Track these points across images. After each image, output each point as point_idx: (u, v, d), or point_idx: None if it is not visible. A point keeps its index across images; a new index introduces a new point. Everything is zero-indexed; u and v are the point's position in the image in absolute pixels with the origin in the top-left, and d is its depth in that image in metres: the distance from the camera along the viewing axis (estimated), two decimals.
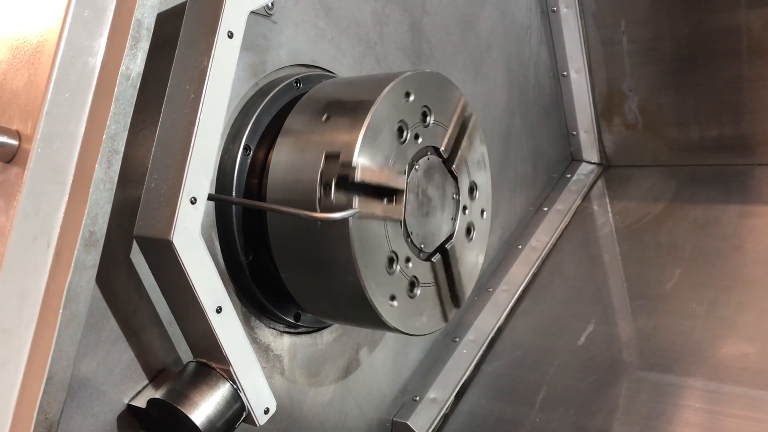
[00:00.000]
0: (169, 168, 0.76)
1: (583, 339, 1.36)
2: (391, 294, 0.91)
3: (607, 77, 1.76)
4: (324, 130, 0.89)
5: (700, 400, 1.17)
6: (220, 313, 0.80)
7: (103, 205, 0.66)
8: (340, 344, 1.15)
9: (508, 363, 1.37)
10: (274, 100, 0.98)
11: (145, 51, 0.69)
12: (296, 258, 0.91)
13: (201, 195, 0.77)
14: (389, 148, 0.89)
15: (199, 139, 0.76)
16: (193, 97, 0.77)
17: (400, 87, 0.91)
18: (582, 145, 1.85)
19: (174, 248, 0.74)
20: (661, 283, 1.43)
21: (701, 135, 1.70)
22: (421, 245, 0.96)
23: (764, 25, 1.52)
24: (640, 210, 1.67)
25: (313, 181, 0.87)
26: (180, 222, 0.75)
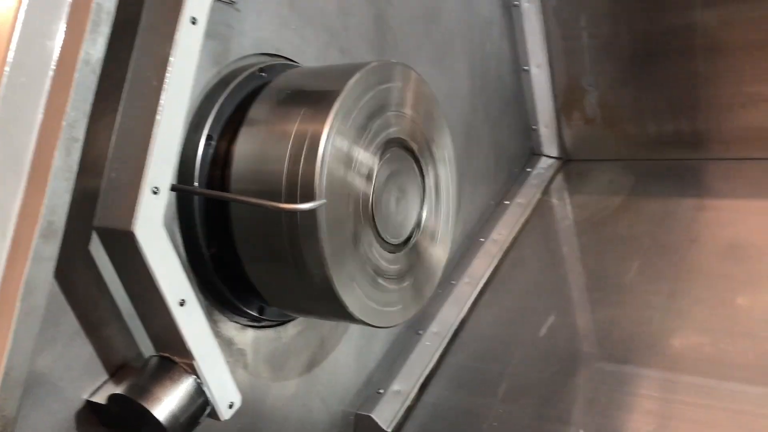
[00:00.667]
0: (131, 157, 0.74)
1: (544, 330, 1.37)
2: (358, 285, 0.90)
3: (567, 72, 1.78)
4: (289, 121, 0.88)
5: (657, 389, 1.19)
6: (184, 306, 0.78)
7: (63, 195, 0.64)
8: (304, 338, 1.14)
9: (471, 355, 1.37)
10: (238, 89, 0.97)
11: (106, 36, 0.67)
12: (261, 250, 0.89)
13: (163, 185, 0.75)
14: (356, 139, 0.88)
15: (161, 128, 0.74)
16: (155, 84, 0.75)
17: (367, 77, 0.90)
18: (542, 139, 1.87)
19: (136, 240, 0.72)
20: (619, 276, 1.45)
21: (658, 130, 1.74)
22: (387, 237, 0.95)
23: (720, 24, 1.55)
24: (599, 203, 1.69)
25: (278, 172, 0.85)
26: (142, 213, 0.73)
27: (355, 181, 0.88)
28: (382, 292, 0.95)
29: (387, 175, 0.94)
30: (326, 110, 0.85)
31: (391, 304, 0.97)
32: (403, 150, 0.98)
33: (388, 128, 0.94)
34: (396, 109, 0.96)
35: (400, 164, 0.97)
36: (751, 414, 1.10)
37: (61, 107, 0.59)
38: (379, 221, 0.93)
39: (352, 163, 0.88)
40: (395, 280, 0.98)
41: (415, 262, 1.02)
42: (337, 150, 0.85)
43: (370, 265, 0.93)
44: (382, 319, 0.96)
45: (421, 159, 1.01)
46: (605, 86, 1.76)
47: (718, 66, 1.59)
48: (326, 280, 0.86)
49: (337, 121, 0.85)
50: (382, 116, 0.93)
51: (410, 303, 1.01)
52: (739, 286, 1.33)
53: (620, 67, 1.72)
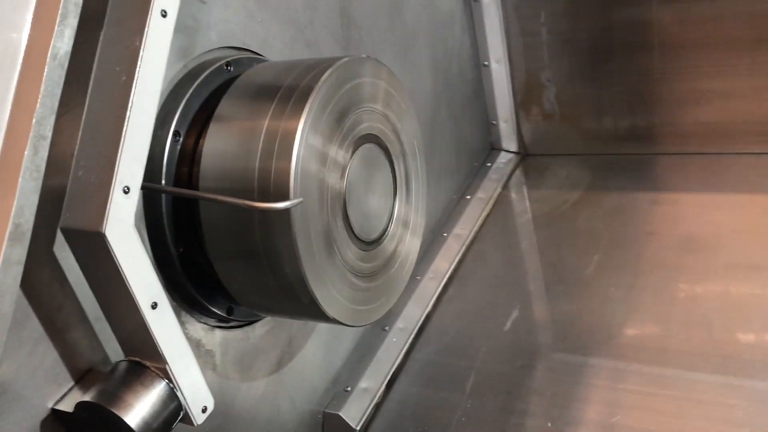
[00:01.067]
0: (99, 155, 0.71)
1: (508, 324, 1.38)
2: (332, 284, 0.89)
3: (526, 68, 1.79)
4: (261, 117, 0.86)
5: (618, 380, 1.21)
6: (156, 308, 0.76)
7: (30, 196, 0.61)
8: (272, 337, 1.12)
9: (437, 350, 1.37)
10: (205, 83, 0.94)
11: (74, 28, 0.64)
12: (232, 249, 0.87)
13: (134, 184, 0.72)
14: (329, 135, 0.87)
15: (132, 125, 0.71)
16: (125, 79, 0.72)
17: (340, 73, 0.88)
18: (501, 134, 1.88)
19: (106, 241, 0.70)
20: (580, 269, 1.47)
21: (615, 125, 1.77)
22: (361, 235, 0.94)
23: (674, 20, 1.59)
24: (558, 198, 1.72)
25: (251, 170, 0.83)
26: (113, 213, 0.70)
27: (329, 179, 0.87)
28: (355, 290, 0.94)
29: (359, 171, 0.93)
30: (300, 106, 0.83)
31: (364, 303, 0.96)
32: (375, 146, 0.96)
33: (360, 124, 0.93)
34: (368, 105, 0.94)
35: (372, 160, 0.96)
36: (710, 403, 1.13)
37: (30, 104, 0.56)
38: (353, 219, 0.92)
39: (325, 161, 0.86)
40: (369, 278, 0.97)
41: (388, 258, 1.01)
42: (311, 147, 0.83)
43: (344, 263, 0.91)
44: (355, 318, 0.95)
45: (392, 154, 1.00)
46: (563, 82, 1.78)
47: (674, 62, 1.63)
48: (300, 279, 0.84)
49: (311, 117, 0.83)
50: (354, 112, 0.92)
51: (383, 301, 1.01)
52: (695, 278, 1.37)
53: (578, 63, 1.74)
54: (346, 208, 0.91)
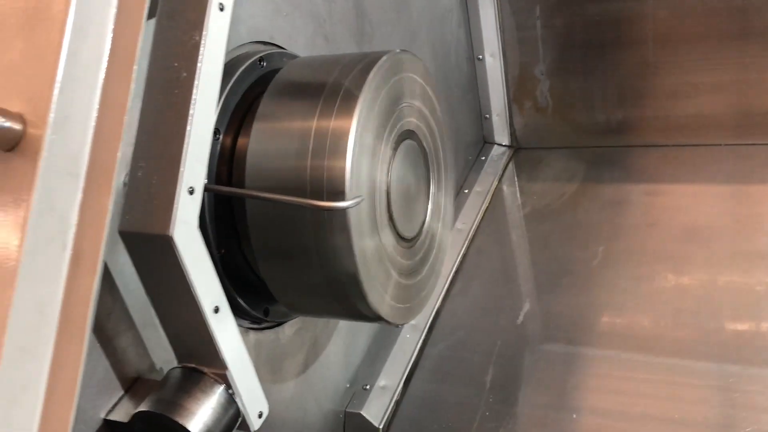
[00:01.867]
0: (161, 155, 0.68)
1: (521, 317, 1.39)
2: (380, 282, 0.88)
3: (520, 61, 1.80)
4: (309, 115, 0.84)
5: (638, 371, 1.23)
6: (218, 312, 0.73)
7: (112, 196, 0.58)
8: (300, 337, 1.10)
9: (451, 345, 1.37)
10: (240, 80, 0.91)
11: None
12: (281, 248, 0.85)
13: (198, 185, 0.69)
14: (377, 132, 0.85)
15: (195, 123, 0.68)
16: (185, 75, 0.69)
17: (385, 68, 0.87)
18: (494, 127, 1.89)
19: (173, 244, 0.67)
20: (586, 261, 1.49)
21: (607, 118, 1.79)
22: (402, 232, 0.93)
23: (669, 14, 1.62)
24: (555, 191, 1.73)
25: (302, 169, 0.81)
26: (179, 215, 0.67)
27: (377, 177, 0.86)
28: (398, 288, 0.93)
29: (401, 168, 0.92)
30: (351, 103, 0.82)
31: (406, 300, 0.95)
32: (413, 142, 0.95)
33: (401, 120, 0.92)
34: (407, 101, 0.93)
35: (411, 157, 0.95)
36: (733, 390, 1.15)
37: (121, 100, 0.54)
38: (396, 216, 0.91)
39: (373, 158, 0.85)
40: (409, 275, 0.96)
41: (425, 254, 1.00)
42: (362, 144, 0.82)
43: (389, 261, 0.90)
44: (399, 316, 0.94)
45: (426, 150, 1.00)
46: (557, 75, 1.79)
47: (667, 55, 1.66)
48: (353, 278, 0.83)
49: (363, 114, 0.82)
50: (396, 109, 0.90)
51: (422, 297, 1.00)
52: (703, 268, 1.40)
53: (572, 57, 1.76)
54: (390, 206, 0.89)
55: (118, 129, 0.53)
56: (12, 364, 0.48)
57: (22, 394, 0.49)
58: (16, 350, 0.49)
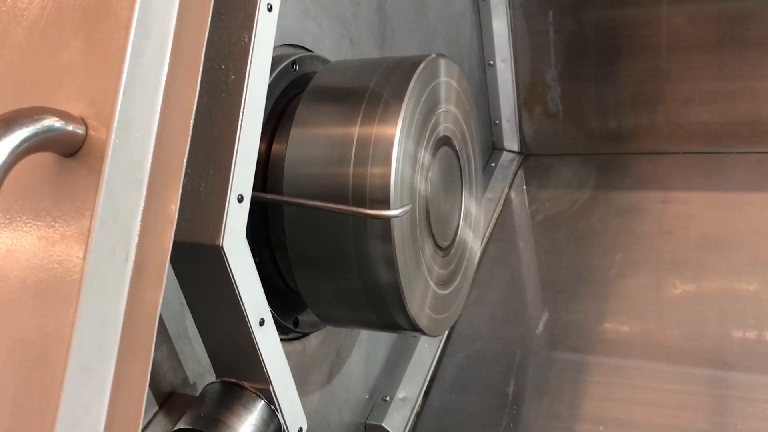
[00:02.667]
0: (209, 161, 0.65)
1: (541, 327, 1.37)
2: (419, 292, 0.85)
3: (531, 67, 1.79)
4: (350, 121, 0.81)
5: (670, 382, 1.21)
6: (263, 326, 0.70)
7: None
8: (325, 347, 1.07)
9: (470, 355, 1.35)
10: (273, 84, 0.88)
11: None
12: (320, 257, 0.82)
13: (247, 192, 0.66)
14: (419, 139, 0.83)
15: (245, 128, 0.66)
16: (234, 78, 0.66)
17: (425, 73, 0.84)
18: (504, 134, 1.87)
19: (223, 254, 0.64)
20: (604, 270, 1.47)
21: (618, 124, 1.78)
22: (438, 240, 0.90)
23: (684, 21, 1.61)
24: (568, 198, 1.72)
25: (343, 176, 0.79)
26: (230, 224, 0.64)
27: (418, 184, 0.83)
28: (434, 298, 0.90)
29: (438, 175, 0.89)
30: (395, 109, 0.79)
31: (440, 310, 0.93)
32: (449, 148, 0.93)
33: (438, 126, 0.89)
34: (444, 106, 0.91)
35: (447, 163, 0.92)
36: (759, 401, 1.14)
37: (187, 102, 0.51)
38: (433, 224, 0.88)
39: (415, 165, 0.82)
40: (444, 285, 0.93)
41: (458, 263, 0.98)
42: (406, 151, 0.79)
43: (427, 270, 0.88)
44: (435, 327, 0.91)
45: (460, 156, 0.97)
46: (568, 81, 1.78)
47: (681, 61, 1.65)
48: (394, 288, 0.80)
49: (406, 121, 0.79)
50: (434, 114, 0.88)
51: (455, 307, 0.97)
52: (722, 276, 1.39)
53: (584, 63, 1.75)
54: (429, 214, 0.87)
55: (184, 132, 0.50)
56: (76, 383, 0.45)
57: (86, 415, 0.46)
58: (80, 369, 0.45)
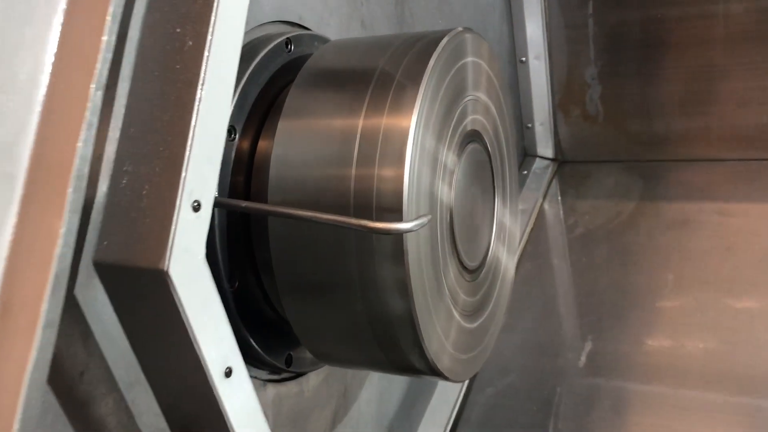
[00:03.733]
0: (155, 155, 0.48)
1: (583, 359, 1.18)
2: (440, 326, 0.67)
3: (568, 64, 1.60)
4: (352, 110, 0.64)
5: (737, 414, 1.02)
6: (230, 376, 0.53)
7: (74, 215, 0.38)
8: (327, 388, 0.89)
9: (500, 391, 1.16)
10: (261, 66, 0.72)
11: None
12: (313, 282, 0.65)
13: (206, 197, 0.49)
14: (440, 133, 0.65)
15: (204, 109, 0.49)
16: (191, 45, 0.49)
17: (448, 51, 0.67)
18: (537, 138, 1.69)
19: (170, 282, 0.47)
20: (655, 291, 1.28)
21: (666, 128, 1.59)
22: (465, 260, 0.73)
23: (744, 10, 1.42)
24: (610, 210, 1.53)
25: (344, 179, 0.61)
26: (178, 241, 0.47)
27: (439, 190, 0.66)
28: (459, 332, 0.72)
29: (465, 179, 0.72)
30: (410, 95, 0.62)
31: (467, 349, 0.75)
32: (478, 146, 0.75)
33: (465, 118, 0.72)
34: (472, 93, 0.73)
35: (476, 165, 0.75)
36: None
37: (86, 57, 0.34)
38: (459, 240, 0.71)
39: (436, 166, 0.65)
40: (472, 316, 0.75)
41: (488, 289, 0.80)
42: (424, 149, 0.62)
43: (451, 298, 0.70)
44: (459, 370, 0.73)
45: (491, 155, 0.80)
46: (610, 79, 1.59)
47: (740, 56, 1.46)
48: (408, 322, 0.63)
49: (423, 110, 0.62)
50: (460, 103, 0.70)
51: (485, 344, 0.79)
52: None
53: (627, 59, 1.56)
54: (453, 228, 0.69)
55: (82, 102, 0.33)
56: None
57: None
58: None
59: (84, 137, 0.35)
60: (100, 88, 0.34)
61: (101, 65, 0.34)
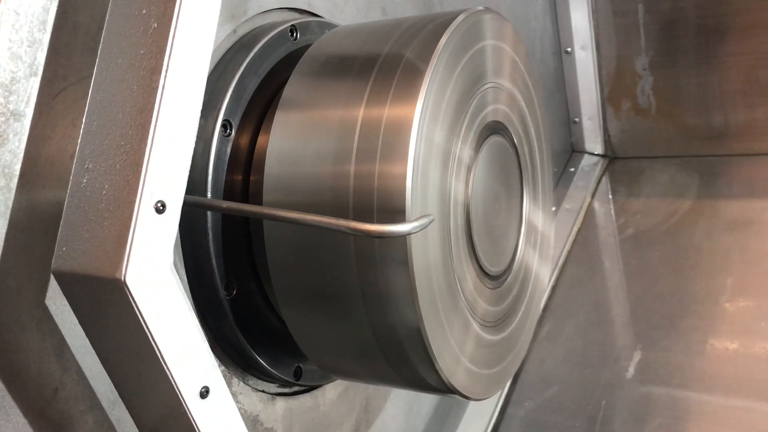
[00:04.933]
0: (116, 152, 0.43)
1: (632, 370, 1.09)
2: (454, 339, 0.61)
3: (617, 54, 1.51)
4: (353, 100, 0.58)
5: None
6: (206, 397, 0.47)
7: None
8: (346, 401, 0.84)
9: (541, 404, 1.08)
10: (262, 56, 0.66)
11: None
12: (311, 291, 0.59)
13: (173, 198, 0.44)
14: (452, 125, 0.59)
15: (167, 100, 0.43)
16: (156, 27, 0.44)
17: (461, 33, 0.60)
18: (585, 133, 1.59)
19: (128, 293, 0.42)
20: (712, 296, 1.18)
21: (725, 120, 1.47)
22: (486, 266, 0.66)
23: None
24: (664, 208, 1.42)
25: (342, 177, 0.55)
26: (137, 247, 0.42)
27: (451, 188, 0.59)
28: (479, 346, 0.65)
29: (485, 176, 0.65)
30: (415, 82, 0.55)
31: (488, 364, 0.68)
32: (502, 139, 0.68)
33: (484, 108, 0.65)
34: (493, 80, 0.66)
35: (498, 160, 0.68)
36: None
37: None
38: (478, 244, 0.64)
39: (447, 162, 0.58)
40: (495, 328, 0.68)
41: (516, 298, 0.72)
42: (431, 142, 0.55)
43: (468, 308, 0.63)
44: (478, 387, 0.66)
45: (518, 149, 0.72)
46: (663, 70, 1.49)
47: None
48: (415, 334, 0.56)
49: (430, 100, 0.55)
50: (477, 91, 0.64)
51: (510, 360, 0.72)
52: None
53: (682, 47, 1.45)
54: (471, 229, 0.62)
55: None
56: None
57: None
58: None
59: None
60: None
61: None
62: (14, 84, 0.33)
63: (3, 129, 0.32)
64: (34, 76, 0.35)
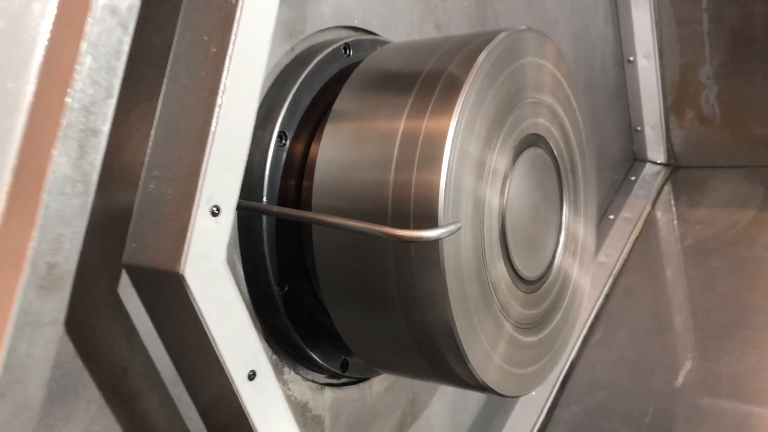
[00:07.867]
0: (178, 161, 0.50)
1: (681, 379, 1.09)
2: (486, 339, 0.65)
3: (681, 63, 1.50)
4: (395, 113, 0.63)
5: None
6: (254, 379, 0.53)
7: (72, 222, 0.40)
8: (392, 395, 0.88)
9: (589, 408, 1.10)
10: (318, 71, 0.72)
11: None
12: (354, 290, 0.64)
13: (227, 203, 0.50)
14: (488, 138, 0.63)
15: (224, 117, 0.49)
16: (215, 52, 0.50)
17: (499, 51, 0.64)
18: (647, 142, 1.59)
19: (185, 285, 0.48)
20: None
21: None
22: (522, 271, 0.69)
23: None
24: (726, 219, 1.41)
25: (382, 185, 0.60)
26: (195, 245, 0.48)
27: (486, 197, 0.63)
28: (513, 347, 0.69)
29: (522, 186, 0.68)
30: (451, 97, 0.60)
31: (523, 364, 0.71)
32: (540, 150, 0.72)
33: (523, 122, 0.69)
34: (532, 95, 0.70)
35: (536, 171, 0.71)
36: None
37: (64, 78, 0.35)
38: (513, 250, 0.67)
39: (482, 172, 0.62)
40: (530, 330, 0.72)
41: (553, 303, 0.76)
42: (465, 153, 0.60)
43: (502, 310, 0.67)
44: (511, 386, 0.70)
45: (559, 161, 0.76)
46: (727, 79, 1.48)
47: None
48: (447, 332, 0.61)
49: (466, 112, 0.60)
50: (516, 105, 0.67)
51: (546, 362, 0.75)
52: None
53: (748, 56, 1.44)
54: (506, 236, 0.66)
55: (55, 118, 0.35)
56: None
57: None
58: None
59: (76, 145, 0.36)
60: (77, 102, 0.35)
61: (81, 83, 0.35)
62: (93, 106, 0.39)
63: (83, 144, 0.38)
64: (110, 98, 0.41)
